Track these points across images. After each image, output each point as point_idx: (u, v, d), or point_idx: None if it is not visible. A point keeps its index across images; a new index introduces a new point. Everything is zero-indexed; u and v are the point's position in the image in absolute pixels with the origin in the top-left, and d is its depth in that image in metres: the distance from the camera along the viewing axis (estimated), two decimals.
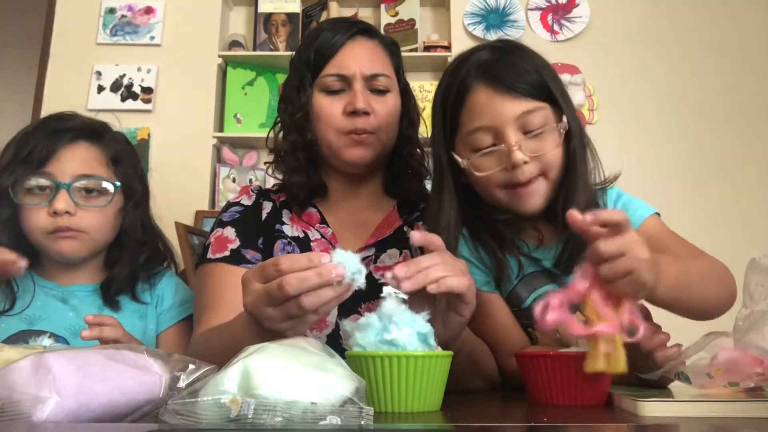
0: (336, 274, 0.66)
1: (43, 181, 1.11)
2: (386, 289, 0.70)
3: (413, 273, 0.74)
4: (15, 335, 1.10)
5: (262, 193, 1.21)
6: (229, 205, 1.19)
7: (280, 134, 1.18)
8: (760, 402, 0.64)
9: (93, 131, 1.19)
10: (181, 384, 0.58)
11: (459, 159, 0.92)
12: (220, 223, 1.14)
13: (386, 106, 1.12)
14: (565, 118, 0.90)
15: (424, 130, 1.16)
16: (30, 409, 0.50)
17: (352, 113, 1.09)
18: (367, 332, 0.68)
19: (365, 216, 1.18)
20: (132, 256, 1.20)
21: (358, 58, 1.11)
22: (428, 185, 1.18)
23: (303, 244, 1.13)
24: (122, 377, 0.56)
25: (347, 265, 0.67)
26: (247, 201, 1.19)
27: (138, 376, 0.57)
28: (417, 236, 0.79)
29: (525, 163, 0.88)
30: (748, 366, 0.67)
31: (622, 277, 0.65)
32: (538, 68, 0.91)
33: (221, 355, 0.63)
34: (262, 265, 0.71)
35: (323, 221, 1.16)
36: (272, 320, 0.70)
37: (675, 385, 0.75)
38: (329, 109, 1.11)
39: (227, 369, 0.55)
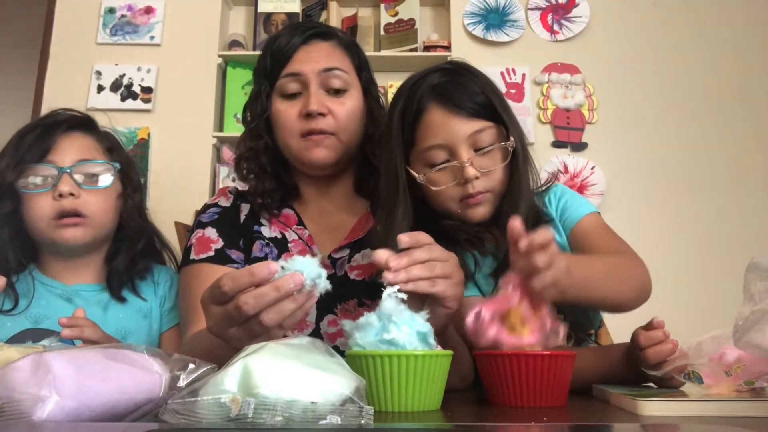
0: (294, 284, 0.63)
1: (45, 169, 1.13)
2: (387, 290, 0.70)
3: (405, 265, 0.74)
4: (21, 333, 1.11)
5: (240, 195, 1.21)
6: (207, 206, 1.19)
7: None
8: (760, 401, 0.64)
9: (86, 122, 1.23)
10: (181, 383, 0.57)
11: (416, 175, 0.98)
12: (200, 225, 1.14)
13: (344, 107, 1.12)
14: (512, 138, 0.97)
15: None
16: (30, 409, 0.50)
17: (308, 115, 1.09)
18: (367, 332, 0.68)
19: (339, 219, 1.18)
20: (131, 244, 1.21)
21: (312, 59, 1.12)
22: None
23: (281, 245, 1.13)
24: (122, 377, 0.56)
25: (306, 272, 0.64)
26: (225, 203, 1.19)
27: (138, 376, 0.57)
28: (404, 239, 0.78)
29: (476, 178, 0.95)
30: (762, 364, 0.68)
31: (550, 287, 0.72)
32: (485, 90, 0.98)
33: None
34: (211, 287, 0.69)
35: (300, 223, 1.17)
36: (238, 341, 0.67)
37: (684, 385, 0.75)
38: (286, 113, 1.11)
39: (227, 368, 0.55)
